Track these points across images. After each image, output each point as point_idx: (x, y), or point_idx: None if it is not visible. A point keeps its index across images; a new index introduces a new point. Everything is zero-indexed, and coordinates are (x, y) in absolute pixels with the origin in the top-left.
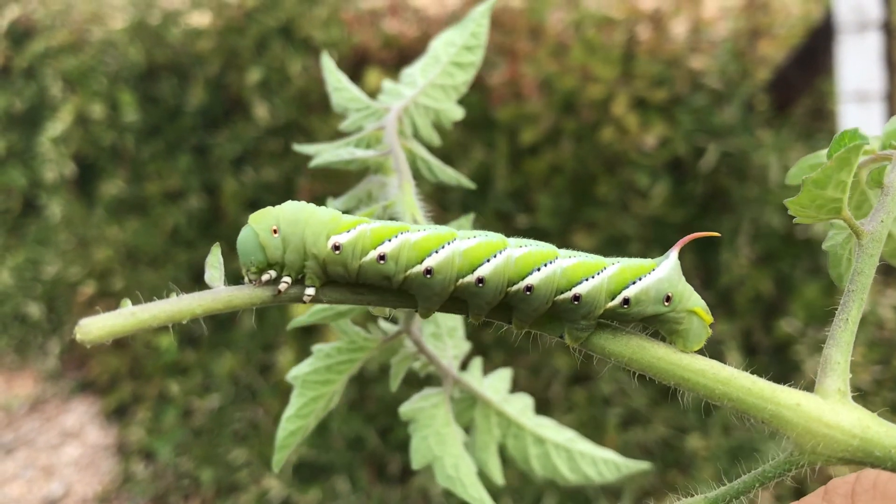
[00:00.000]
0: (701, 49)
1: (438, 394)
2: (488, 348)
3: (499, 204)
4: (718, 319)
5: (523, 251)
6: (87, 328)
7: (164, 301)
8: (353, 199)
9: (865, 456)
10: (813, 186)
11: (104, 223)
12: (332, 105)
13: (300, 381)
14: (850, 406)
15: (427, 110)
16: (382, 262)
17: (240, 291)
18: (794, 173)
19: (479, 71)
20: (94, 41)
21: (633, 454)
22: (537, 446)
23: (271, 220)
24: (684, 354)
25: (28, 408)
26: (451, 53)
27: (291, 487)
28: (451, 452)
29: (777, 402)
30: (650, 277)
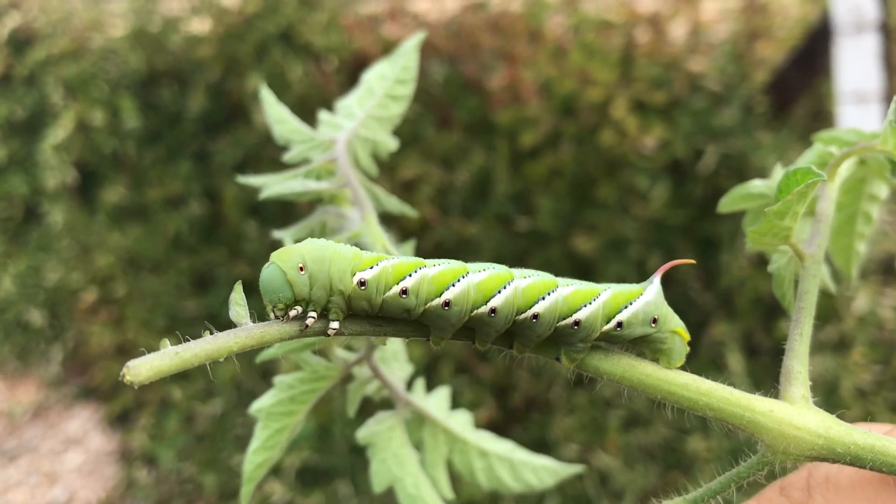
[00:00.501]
0: (700, 51)
1: (392, 416)
2: (489, 351)
3: (499, 207)
4: (719, 321)
5: (528, 282)
6: (137, 370)
7: (203, 340)
8: (306, 230)
9: (829, 453)
10: (774, 217)
11: (106, 230)
12: (274, 138)
13: (264, 413)
14: (814, 410)
15: (366, 141)
16: (404, 297)
17: (270, 328)
18: (726, 202)
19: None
20: (95, 48)
21: (634, 456)
22: (481, 459)
23: (297, 259)
24: (669, 370)
25: (31, 414)
26: (386, 87)
27: (294, 492)
28: (410, 472)
29: (753, 409)
30: (639, 301)
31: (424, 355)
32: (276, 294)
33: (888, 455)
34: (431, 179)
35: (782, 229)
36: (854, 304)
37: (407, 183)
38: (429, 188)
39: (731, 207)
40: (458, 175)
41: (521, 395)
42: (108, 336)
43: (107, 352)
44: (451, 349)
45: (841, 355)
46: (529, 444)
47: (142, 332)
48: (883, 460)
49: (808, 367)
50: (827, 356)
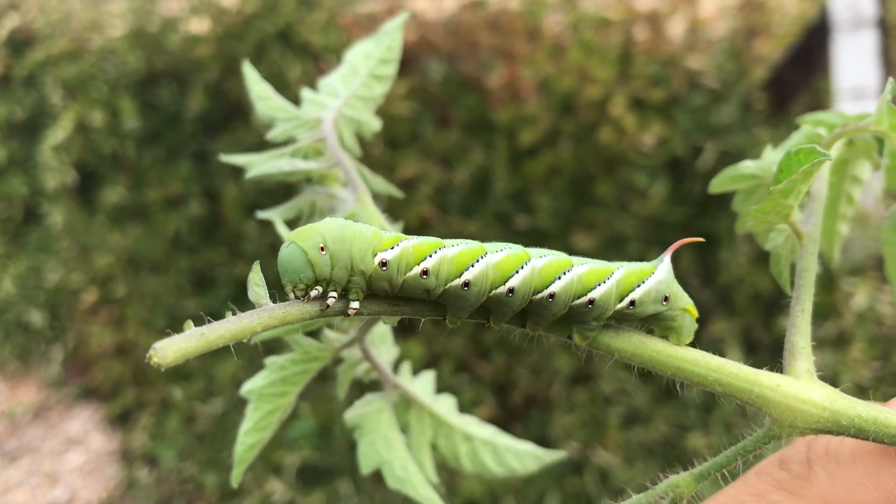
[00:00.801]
0: (698, 48)
1: (380, 399)
2: (489, 349)
3: (498, 206)
4: (718, 318)
5: (545, 261)
6: (164, 351)
7: (227, 321)
8: (294, 210)
9: (834, 426)
10: (779, 196)
11: (105, 230)
12: (257, 114)
13: (256, 394)
14: (819, 384)
15: (350, 121)
16: (425, 277)
17: (291, 308)
18: (717, 183)
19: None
20: (94, 49)
21: (634, 453)
22: (466, 443)
23: (318, 238)
24: (679, 347)
25: (32, 415)
26: (370, 66)
27: (295, 491)
28: (398, 455)
29: (761, 384)
30: (651, 280)
31: (425, 353)
32: (296, 274)
33: (890, 426)
34: (430, 178)
35: (784, 208)
36: (853, 301)
37: (406, 182)
38: (428, 187)
39: (722, 188)
40: (457, 174)
41: (521, 393)
42: (109, 336)
43: (107, 352)
44: (451, 348)
45: (840, 351)
46: (530, 441)
47: (142, 332)
48: (885, 432)
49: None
50: (826, 352)
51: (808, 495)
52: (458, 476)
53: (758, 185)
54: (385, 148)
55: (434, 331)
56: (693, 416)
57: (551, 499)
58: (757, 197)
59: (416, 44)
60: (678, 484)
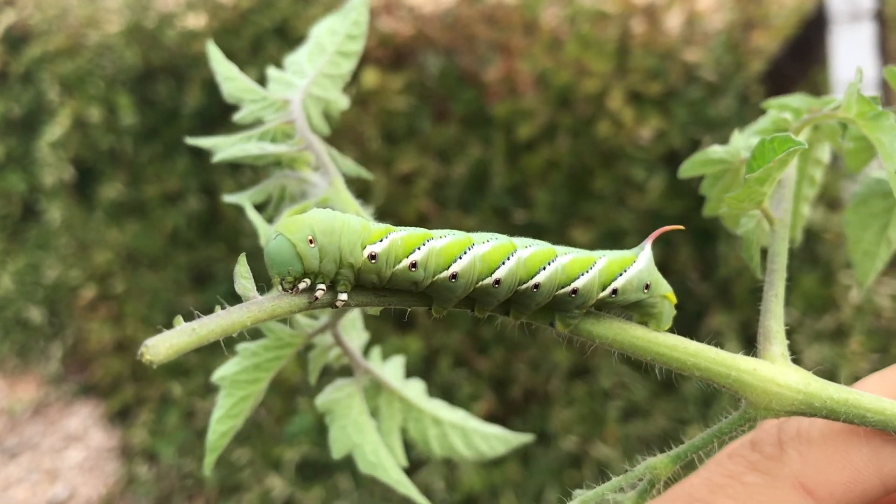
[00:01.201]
0: (695, 41)
1: (351, 384)
2: (488, 344)
3: (496, 200)
4: (717, 311)
5: (530, 252)
6: (156, 348)
7: (217, 315)
8: (263, 194)
9: (807, 408)
10: (755, 183)
11: (104, 226)
12: (223, 95)
13: (228, 381)
14: (793, 367)
15: (318, 100)
16: (413, 270)
17: (280, 301)
18: (686, 168)
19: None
20: (91, 45)
21: (633, 447)
22: (435, 427)
23: (306, 230)
24: (658, 333)
25: (31, 412)
26: (337, 42)
27: (294, 486)
28: (369, 440)
29: (738, 368)
30: (633, 268)
31: (423, 348)
32: (284, 267)
33: (859, 407)
34: (428, 173)
35: (758, 194)
36: (851, 294)
37: (404, 177)
38: (426, 182)
39: (691, 172)
40: (454, 168)
41: (520, 388)
42: (108, 332)
43: (106, 348)
44: (449, 342)
45: (839, 344)
46: None
47: (141, 328)
48: (855, 412)
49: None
50: (825, 345)
51: (780, 475)
52: (458, 471)
53: (726, 170)
54: (383, 143)
55: (432, 326)
56: (692, 411)
57: (550, 492)
58: (725, 181)
59: (413, 38)
60: (655, 466)
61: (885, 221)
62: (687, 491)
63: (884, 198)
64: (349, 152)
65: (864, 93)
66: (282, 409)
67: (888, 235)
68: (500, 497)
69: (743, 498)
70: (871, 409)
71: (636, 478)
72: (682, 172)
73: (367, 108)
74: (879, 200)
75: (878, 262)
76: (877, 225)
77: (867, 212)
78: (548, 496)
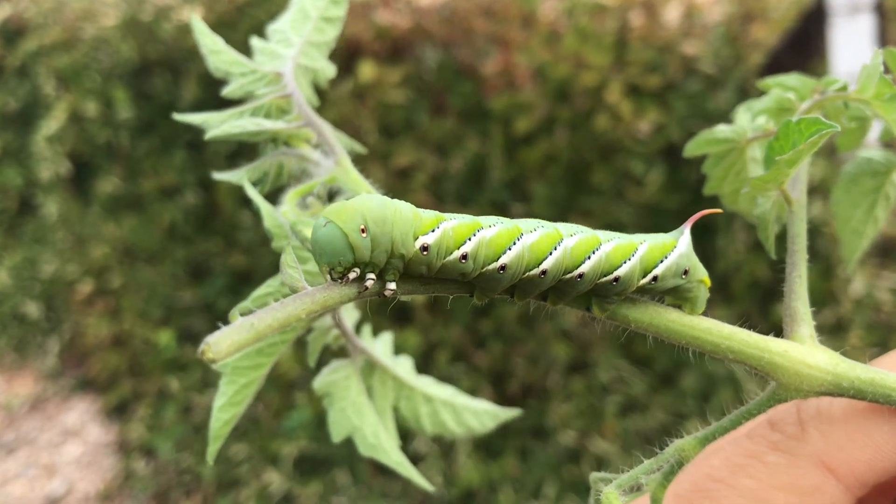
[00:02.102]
0: (694, 34)
1: (347, 365)
2: (486, 338)
3: (494, 194)
4: (717, 305)
5: (575, 240)
6: (218, 346)
7: (273, 309)
8: (258, 172)
9: (836, 388)
10: (784, 165)
11: (101, 221)
12: (209, 69)
13: (230, 368)
14: (821, 348)
15: (307, 70)
16: (464, 262)
17: (331, 292)
18: (692, 146)
19: (472, 60)
20: (87, 38)
21: (632, 441)
22: (427, 405)
23: (359, 219)
24: (692, 316)
25: (29, 407)
26: (320, 7)
27: (292, 481)
28: (369, 421)
29: (770, 350)
30: (673, 254)
31: (421, 343)
32: (335, 257)
33: (885, 387)
34: (426, 167)
35: (784, 176)
36: (851, 287)
37: (402, 171)
38: (424, 175)
39: (696, 151)
40: (452, 162)
41: (518, 382)
42: (105, 327)
43: (103, 343)
44: (447, 337)
45: (838, 338)
46: (527, 431)
47: (138, 323)
48: (881, 392)
49: (807, 310)
50: (825, 339)
51: (802, 454)
52: (456, 465)
53: (730, 149)
54: (380, 136)
55: (430, 320)
56: (690, 405)
57: (549, 487)
58: (729, 160)
59: (411, 31)
60: (684, 447)
61: (874, 200)
62: (706, 472)
63: (873, 176)
64: None
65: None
66: (279, 403)
67: (875, 214)
68: (499, 491)
69: (765, 477)
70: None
71: (665, 460)
72: (687, 151)
73: (364, 101)
74: (869, 179)
75: (864, 240)
76: (866, 203)
77: (857, 190)
78: (546, 491)
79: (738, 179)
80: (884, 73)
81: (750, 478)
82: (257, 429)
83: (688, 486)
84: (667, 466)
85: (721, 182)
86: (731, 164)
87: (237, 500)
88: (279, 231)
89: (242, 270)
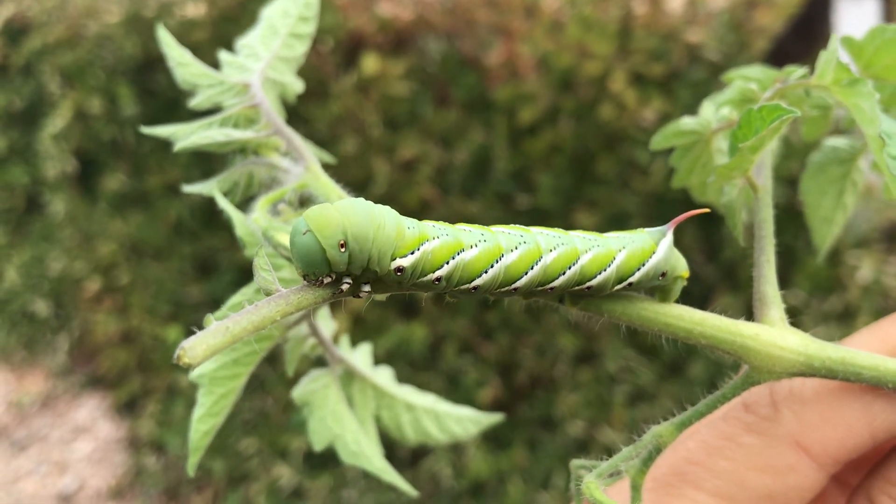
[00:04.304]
0: (698, 21)
1: (326, 374)
2: (493, 330)
3: (499, 185)
4: (723, 293)
5: (554, 255)
6: (193, 350)
7: (247, 312)
8: (228, 182)
9: (807, 368)
10: (748, 152)
11: (107, 218)
12: (177, 81)
13: (207, 379)
14: (791, 330)
15: (275, 84)
16: (437, 283)
17: (305, 293)
18: (657, 140)
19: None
20: (90, 35)
21: (640, 431)
22: (408, 413)
23: (339, 234)
24: (664, 304)
25: (39, 404)
26: (289, 24)
27: (302, 475)
28: (350, 429)
29: (742, 334)
30: (651, 261)
31: (428, 335)
32: (310, 268)
33: (855, 365)
34: (430, 159)
35: (748, 162)
36: (858, 274)
37: (406, 163)
38: (428, 168)
39: (663, 144)
40: (457, 154)
41: (526, 373)
42: (113, 324)
43: (112, 340)
44: (455, 329)
45: (846, 325)
46: (536, 422)
47: (146, 320)
48: (851, 370)
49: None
50: (832, 326)
51: (776, 435)
52: (466, 457)
53: (696, 141)
54: (384, 129)
55: (438, 312)
56: (698, 394)
57: (558, 477)
58: (695, 152)
59: (414, 23)
60: (661, 433)
61: (841, 187)
62: (683, 455)
63: (840, 164)
64: (351, 140)
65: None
66: (288, 398)
67: (844, 201)
68: (508, 483)
69: (740, 459)
70: (866, 366)
71: (644, 446)
72: (653, 144)
73: (368, 94)
74: (836, 167)
75: (834, 227)
76: (833, 191)
77: (825, 178)
78: (555, 481)
79: (704, 171)
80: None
81: (726, 459)
82: (266, 423)
83: (665, 470)
84: (645, 452)
85: (689, 174)
86: (697, 156)
87: (247, 494)
88: (251, 239)
89: (249, 265)
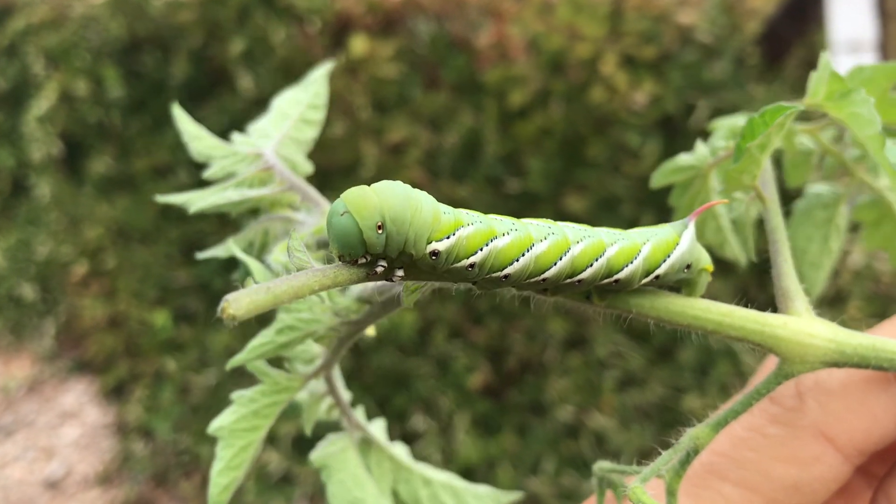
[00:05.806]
0: (689, 3)
1: (344, 437)
2: (483, 315)
3: (489, 169)
4: (715, 278)
5: (581, 248)
6: (238, 302)
7: (288, 278)
8: (244, 241)
9: (839, 356)
10: (757, 150)
11: (93, 201)
12: (191, 154)
13: (226, 431)
14: (819, 320)
15: (285, 160)
16: (470, 269)
17: (341, 270)
18: (657, 177)
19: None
20: (75, 16)
21: (630, 416)
22: (426, 488)
23: (376, 216)
24: (690, 298)
25: (26, 389)
26: (300, 111)
27: (290, 460)
28: (370, 493)
29: (770, 324)
30: (676, 252)
31: (418, 320)
32: (346, 249)
33: (886, 351)
34: (419, 142)
35: (756, 165)
36: (850, 259)
37: (395, 146)
38: (417, 151)
39: (662, 182)
40: (446, 137)
41: (516, 358)
42: (101, 308)
43: (99, 324)
44: (444, 314)
45: (837, 310)
46: (525, 407)
47: (133, 304)
48: (883, 356)
49: (798, 287)
50: (824, 311)
51: (802, 426)
52: (455, 442)
53: (694, 176)
54: (373, 112)
55: (427, 297)
56: (688, 378)
57: (547, 463)
58: (694, 189)
59: (403, 4)
60: (698, 436)
61: (826, 233)
62: (710, 448)
63: (824, 208)
64: (339, 122)
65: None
66: None
67: (829, 246)
68: (497, 468)
69: (766, 449)
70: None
71: (682, 449)
72: (653, 183)
73: (356, 76)
74: (820, 211)
75: (822, 272)
76: (819, 236)
77: (811, 223)
78: (545, 466)
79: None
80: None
81: (751, 450)
82: None
83: (695, 465)
84: (682, 455)
85: (688, 213)
86: (696, 192)
87: None
88: None
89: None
